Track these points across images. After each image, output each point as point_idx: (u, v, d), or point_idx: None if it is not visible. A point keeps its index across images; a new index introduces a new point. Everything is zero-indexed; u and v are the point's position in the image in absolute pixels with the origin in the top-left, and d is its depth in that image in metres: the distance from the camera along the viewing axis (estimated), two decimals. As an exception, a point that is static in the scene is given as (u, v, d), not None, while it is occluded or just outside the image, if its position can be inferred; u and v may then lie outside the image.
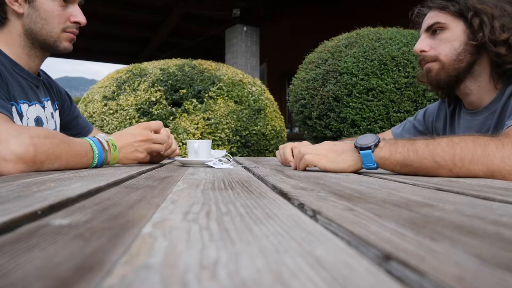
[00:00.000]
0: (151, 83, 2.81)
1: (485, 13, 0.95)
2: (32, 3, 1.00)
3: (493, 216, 0.32)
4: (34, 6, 1.00)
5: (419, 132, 1.27)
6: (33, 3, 1.00)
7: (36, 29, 1.01)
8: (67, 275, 0.17)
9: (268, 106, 3.09)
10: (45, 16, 1.01)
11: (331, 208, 0.35)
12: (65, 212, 0.32)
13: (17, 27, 1.01)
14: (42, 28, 1.01)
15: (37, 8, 1.00)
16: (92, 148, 0.88)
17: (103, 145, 0.91)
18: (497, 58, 0.95)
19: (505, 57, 0.94)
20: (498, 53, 0.94)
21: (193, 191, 0.48)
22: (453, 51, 1.00)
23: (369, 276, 0.18)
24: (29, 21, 1.00)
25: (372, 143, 0.82)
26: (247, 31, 6.73)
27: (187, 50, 9.00)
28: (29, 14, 1.00)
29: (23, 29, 1.01)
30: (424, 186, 0.57)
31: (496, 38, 0.94)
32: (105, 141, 0.91)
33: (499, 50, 0.94)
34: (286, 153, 1.12)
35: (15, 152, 0.71)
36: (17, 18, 1.01)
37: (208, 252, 0.21)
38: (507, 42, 0.94)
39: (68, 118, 1.26)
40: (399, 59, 2.35)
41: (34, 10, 1.00)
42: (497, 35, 0.94)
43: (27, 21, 1.00)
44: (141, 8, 7.29)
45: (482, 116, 1.02)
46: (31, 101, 1.03)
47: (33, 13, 1.00)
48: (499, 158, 0.72)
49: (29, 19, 1.00)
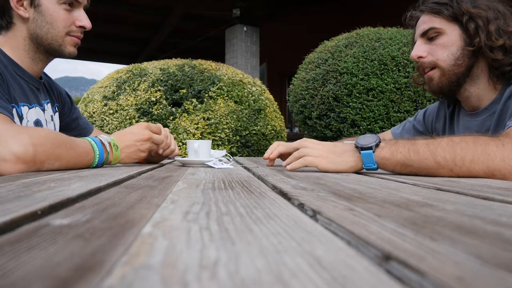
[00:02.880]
0: (151, 83, 2.81)
1: (480, 17, 0.95)
2: (37, 8, 0.99)
3: (493, 216, 0.32)
4: (39, 11, 1.00)
5: (419, 132, 1.27)
6: (39, 7, 0.99)
7: (41, 34, 1.01)
8: (67, 275, 0.17)
9: (268, 106, 3.09)
10: (50, 21, 1.01)
11: (331, 208, 0.35)
12: (65, 212, 0.32)
13: (22, 31, 1.01)
14: (48, 32, 1.01)
15: (43, 13, 1.00)
16: (93, 149, 0.88)
17: (105, 145, 0.91)
18: (494, 62, 0.96)
19: (502, 61, 0.94)
20: (495, 58, 0.95)
21: (193, 191, 0.48)
22: (451, 56, 1.00)
23: (369, 276, 0.18)
24: (34, 25, 1.00)
25: (373, 143, 0.82)
26: (247, 31, 6.73)
27: (187, 50, 9.00)
28: (34, 19, 1.00)
29: (28, 34, 1.01)
30: (424, 186, 0.57)
31: (492, 44, 0.94)
32: (107, 142, 0.91)
33: (495, 55, 0.94)
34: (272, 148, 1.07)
35: (14, 152, 0.71)
36: (23, 23, 1.00)
37: (208, 252, 0.21)
38: (503, 47, 0.94)
39: (69, 120, 1.26)
40: (399, 59, 2.35)
41: (39, 14, 1.00)
42: (494, 41, 0.93)
43: (32, 26, 1.00)
44: (141, 8, 7.30)
45: (482, 117, 1.02)
46: (32, 103, 1.03)
47: (38, 18, 1.00)
48: (499, 157, 0.72)
49: (35, 23, 1.00)
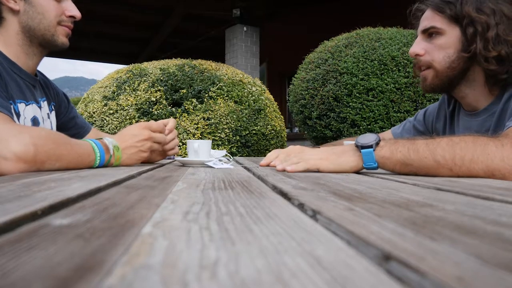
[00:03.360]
0: (151, 83, 2.81)
1: (480, 23, 0.94)
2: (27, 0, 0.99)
3: (493, 216, 0.32)
4: (29, 2, 0.99)
5: (419, 132, 1.27)
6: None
7: (33, 25, 1.01)
8: (67, 275, 0.17)
9: (268, 106, 3.08)
10: (41, 11, 1.00)
11: (331, 208, 0.35)
12: (65, 212, 0.32)
13: (14, 25, 1.00)
14: (40, 23, 1.01)
15: (33, 4, 1.00)
16: (94, 150, 0.88)
17: (108, 147, 0.90)
18: (489, 71, 0.96)
19: (496, 70, 0.95)
20: (488, 68, 0.95)
21: (193, 191, 0.48)
22: (447, 58, 1.00)
23: (369, 276, 0.18)
24: (26, 17, 1.00)
25: (373, 141, 0.83)
26: (247, 31, 6.73)
27: (187, 50, 8.99)
28: (25, 11, 1.00)
29: (20, 27, 1.01)
30: (424, 186, 0.57)
31: (487, 54, 0.94)
32: (111, 146, 0.91)
33: (489, 65, 0.95)
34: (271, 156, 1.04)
35: (15, 152, 0.71)
36: (13, 16, 1.00)
37: (208, 252, 0.21)
38: (498, 57, 0.94)
39: (66, 119, 1.26)
40: (399, 59, 2.35)
41: (30, 6, 1.00)
42: (490, 50, 0.93)
43: (24, 18, 1.00)
44: (141, 8, 7.30)
45: (481, 117, 1.02)
46: (28, 100, 1.03)
47: (29, 9, 1.00)
48: (499, 157, 0.72)
49: (26, 15, 1.00)
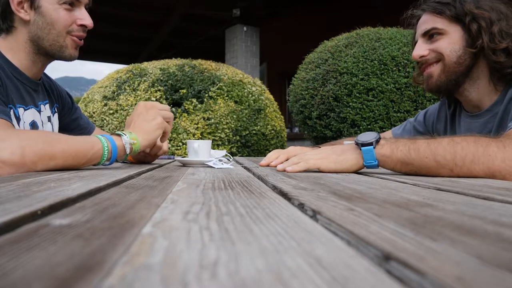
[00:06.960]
0: (151, 83, 2.81)
1: (483, 18, 0.94)
2: (38, 9, 0.99)
3: (493, 216, 0.32)
4: (40, 12, 0.99)
5: (419, 133, 1.27)
6: (39, 9, 0.99)
7: (42, 35, 1.01)
8: (67, 275, 0.17)
9: (268, 106, 3.09)
10: (51, 21, 1.00)
11: (331, 208, 0.35)
12: (65, 212, 0.32)
13: (24, 34, 1.01)
14: (49, 33, 1.01)
15: (43, 14, 1.00)
16: (101, 141, 0.85)
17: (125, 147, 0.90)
18: (496, 65, 0.95)
19: (504, 63, 0.94)
20: (497, 61, 0.94)
21: (193, 191, 0.48)
22: (454, 53, 0.99)
23: (369, 276, 0.18)
24: (35, 27, 1.00)
25: (373, 139, 0.83)
26: (247, 31, 6.73)
27: (187, 50, 8.98)
28: (35, 21, 1.00)
29: (29, 36, 1.01)
30: (424, 186, 0.57)
31: (495, 46, 0.93)
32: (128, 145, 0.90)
33: (498, 58, 0.94)
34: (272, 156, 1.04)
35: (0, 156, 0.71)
36: (24, 26, 1.00)
37: (208, 252, 0.21)
38: (506, 50, 0.93)
39: (69, 120, 1.26)
40: (399, 59, 2.35)
41: (40, 16, 1.00)
42: (497, 43, 0.93)
43: (33, 28, 1.00)
44: (141, 8, 7.29)
45: (484, 118, 1.02)
46: (27, 105, 1.03)
47: (39, 19, 1.00)
48: (500, 158, 0.72)
49: (36, 25, 1.00)
